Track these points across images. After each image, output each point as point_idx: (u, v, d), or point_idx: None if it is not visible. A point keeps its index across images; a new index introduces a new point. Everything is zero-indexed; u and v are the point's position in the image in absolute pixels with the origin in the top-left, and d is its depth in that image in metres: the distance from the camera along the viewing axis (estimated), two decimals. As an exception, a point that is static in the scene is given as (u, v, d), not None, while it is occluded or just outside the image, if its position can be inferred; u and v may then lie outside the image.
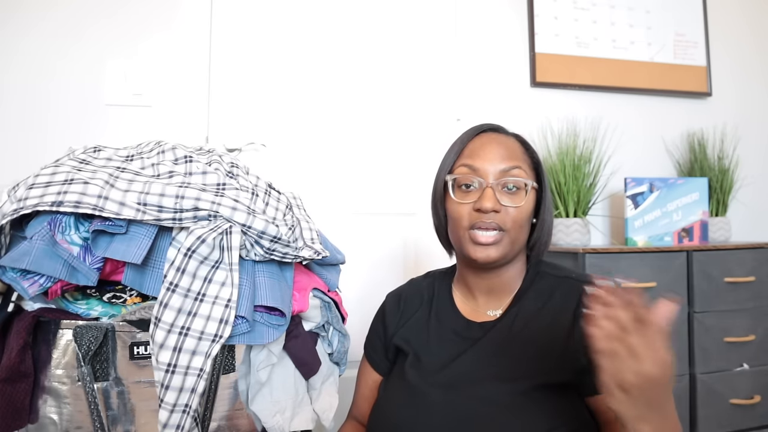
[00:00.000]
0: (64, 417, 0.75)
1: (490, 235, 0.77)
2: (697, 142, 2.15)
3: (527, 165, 0.82)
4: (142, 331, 0.76)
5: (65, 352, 0.75)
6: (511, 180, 0.78)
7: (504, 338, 0.78)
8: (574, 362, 0.71)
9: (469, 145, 0.83)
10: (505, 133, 0.86)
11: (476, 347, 0.78)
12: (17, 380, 0.73)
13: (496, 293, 0.84)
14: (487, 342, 0.78)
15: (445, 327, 0.84)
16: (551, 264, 0.86)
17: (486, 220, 0.76)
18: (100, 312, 0.79)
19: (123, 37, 1.71)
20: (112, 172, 0.81)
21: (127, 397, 0.76)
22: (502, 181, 0.78)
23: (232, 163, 0.92)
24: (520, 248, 0.82)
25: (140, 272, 0.77)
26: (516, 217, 0.78)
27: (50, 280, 0.73)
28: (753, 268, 1.81)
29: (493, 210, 0.76)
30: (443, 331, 0.84)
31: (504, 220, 0.77)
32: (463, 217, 0.79)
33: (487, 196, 0.76)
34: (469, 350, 0.79)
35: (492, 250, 0.78)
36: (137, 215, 0.75)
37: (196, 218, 0.78)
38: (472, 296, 0.86)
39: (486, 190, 0.77)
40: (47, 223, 0.74)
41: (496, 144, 0.81)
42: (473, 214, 0.78)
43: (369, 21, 1.92)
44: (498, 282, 0.83)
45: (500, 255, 0.78)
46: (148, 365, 0.76)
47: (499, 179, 0.78)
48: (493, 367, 0.75)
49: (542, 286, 0.82)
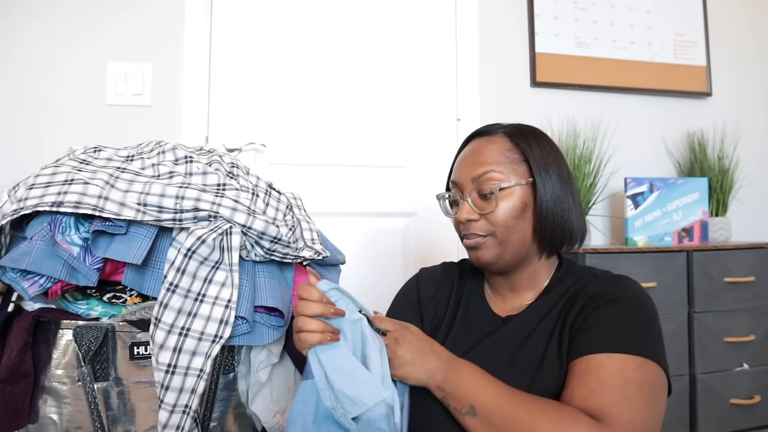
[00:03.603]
0: (64, 417, 0.75)
1: (473, 241, 0.80)
2: (697, 142, 2.15)
3: (511, 162, 0.78)
4: (142, 331, 0.76)
5: (65, 352, 0.75)
6: (484, 186, 0.78)
7: (515, 335, 0.77)
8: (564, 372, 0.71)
9: (457, 159, 0.86)
10: (492, 133, 0.83)
11: (491, 339, 0.79)
12: (17, 380, 0.73)
13: (519, 291, 0.83)
14: (498, 337, 0.78)
15: (472, 315, 0.85)
16: (581, 266, 0.84)
17: (470, 230, 0.79)
18: (100, 312, 0.79)
19: (123, 38, 1.71)
20: (113, 172, 0.81)
21: (127, 397, 0.76)
22: (477, 188, 0.79)
23: (232, 163, 0.92)
24: (521, 246, 0.79)
25: (140, 273, 0.77)
26: (498, 220, 0.77)
27: (50, 281, 0.73)
28: (753, 268, 1.81)
29: (470, 220, 0.79)
30: (469, 319, 0.84)
31: (485, 227, 0.78)
32: (458, 230, 0.84)
33: (462, 210, 0.80)
34: (484, 341, 0.79)
35: (481, 253, 0.79)
36: (137, 216, 0.76)
37: (196, 219, 0.78)
38: (498, 292, 0.86)
39: (462, 204, 0.80)
40: (47, 224, 0.74)
41: (471, 152, 0.82)
42: (462, 227, 0.82)
43: (369, 21, 1.92)
44: (518, 280, 0.83)
45: (493, 256, 0.79)
46: (148, 365, 0.76)
47: (474, 188, 0.79)
48: (496, 363, 0.74)
49: (563, 287, 0.80)
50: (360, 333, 0.72)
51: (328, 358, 0.68)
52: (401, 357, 0.73)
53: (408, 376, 0.73)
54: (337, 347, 0.69)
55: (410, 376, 0.73)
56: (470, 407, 0.68)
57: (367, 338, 0.72)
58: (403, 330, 0.76)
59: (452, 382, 0.71)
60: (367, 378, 0.68)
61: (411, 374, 0.73)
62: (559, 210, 0.78)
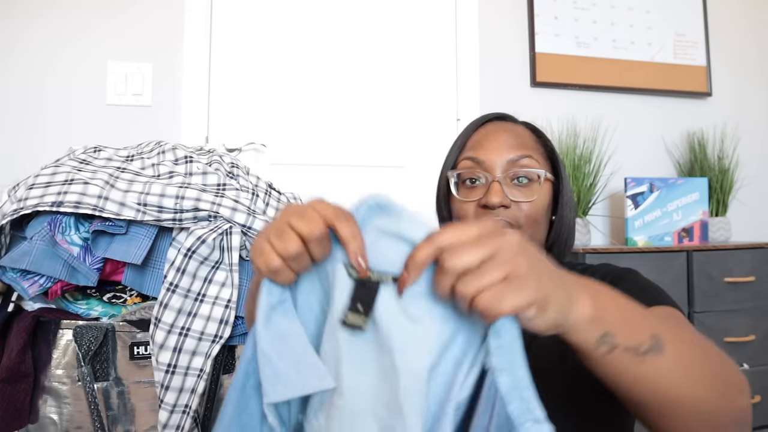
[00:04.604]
0: (64, 417, 0.75)
1: None
2: (697, 142, 2.15)
3: (540, 154, 0.72)
4: (142, 331, 0.76)
5: (65, 352, 0.75)
6: (522, 171, 0.68)
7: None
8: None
9: (473, 137, 0.74)
10: (514, 121, 0.77)
11: None
12: (17, 380, 0.73)
13: None
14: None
15: None
16: (571, 262, 0.77)
17: (494, 217, 0.67)
18: (100, 312, 0.79)
19: (124, 38, 1.71)
20: (113, 172, 0.81)
21: (127, 397, 0.76)
22: (511, 173, 0.69)
23: (232, 163, 0.92)
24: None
25: (140, 272, 0.77)
26: (529, 213, 0.68)
27: (50, 281, 0.73)
28: (753, 268, 1.81)
29: (502, 205, 0.67)
30: None
31: (516, 216, 0.68)
32: (469, 217, 0.69)
33: (493, 191, 0.67)
34: None
35: None
36: (137, 216, 0.76)
37: (196, 219, 0.78)
38: None
39: (492, 185, 0.67)
40: (47, 224, 0.74)
41: (503, 132, 0.72)
42: (480, 212, 0.68)
43: (369, 21, 1.92)
44: None
45: None
46: (148, 365, 0.76)
47: (507, 171, 0.69)
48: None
49: None
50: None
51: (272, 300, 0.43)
52: (527, 269, 0.38)
53: (549, 302, 0.38)
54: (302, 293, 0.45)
55: (550, 301, 0.38)
56: (654, 339, 0.43)
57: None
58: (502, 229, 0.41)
59: (610, 305, 0.44)
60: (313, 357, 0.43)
61: (551, 298, 0.39)
62: (570, 213, 0.74)
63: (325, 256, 0.43)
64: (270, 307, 0.43)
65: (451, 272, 0.38)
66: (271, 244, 0.42)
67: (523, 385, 0.37)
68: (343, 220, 0.42)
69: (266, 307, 0.43)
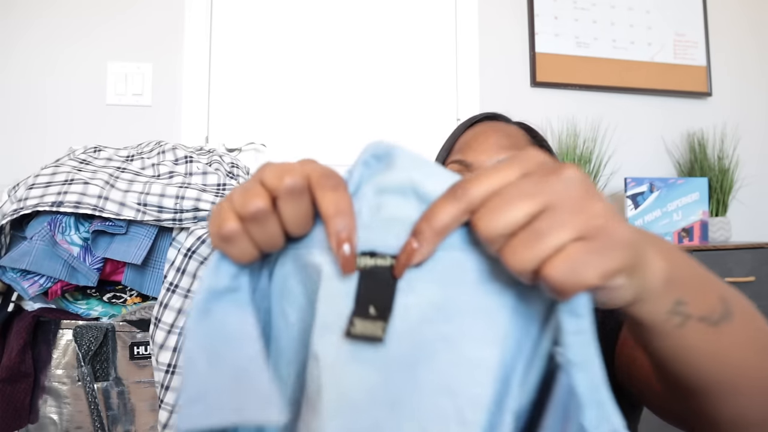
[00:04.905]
0: (64, 417, 0.75)
1: None
2: (697, 142, 2.15)
3: None
4: (142, 331, 0.76)
5: (65, 352, 0.75)
6: None
7: None
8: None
9: (462, 138, 0.72)
10: (507, 121, 0.75)
11: None
12: (17, 380, 0.73)
13: None
14: None
15: None
16: None
17: None
18: (100, 312, 0.79)
19: (123, 38, 1.71)
20: (113, 172, 0.81)
21: (127, 397, 0.76)
22: None
23: (232, 163, 0.92)
24: None
25: (140, 273, 0.77)
26: None
27: (50, 281, 0.73)
28: (753, 268, 1.81)
29: None
30: None
31: None
32: None
33: None
34: None
35: None
36: (137, 216, 0.76)
37: (196, 219, 0.78)
38: None
39: None
40: (47, 224, 0.74)
41: (493, 132, 0.69)
42: None
43: (368, 21, 1.92)
44: None
45: None
46: (148, 365, 0.76)
47: None
48: None
49: None
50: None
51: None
52: (605, 219, 0.26)
53: (638, 263, 0.28)
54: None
55: (639, 262, 0.28)
56: (724, 303, 0.37)
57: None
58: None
59: (681, 262, 0.35)
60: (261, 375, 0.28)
61: (641, 257, 0.29)
62: None
63: (302, 225, 0.30)
64: (213, 293, 0.29)
65: (494, 237, 0.26)
66: (231, 201, 0.30)
67: (599, 384, 0.25)
68: (327, 188, 0.29)
69: (207, 293, 0.29)
